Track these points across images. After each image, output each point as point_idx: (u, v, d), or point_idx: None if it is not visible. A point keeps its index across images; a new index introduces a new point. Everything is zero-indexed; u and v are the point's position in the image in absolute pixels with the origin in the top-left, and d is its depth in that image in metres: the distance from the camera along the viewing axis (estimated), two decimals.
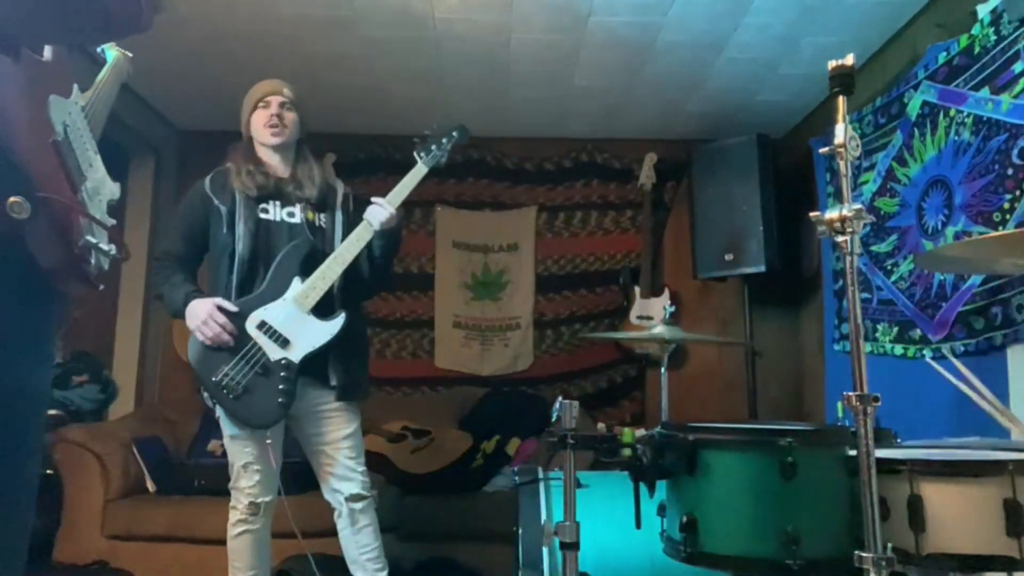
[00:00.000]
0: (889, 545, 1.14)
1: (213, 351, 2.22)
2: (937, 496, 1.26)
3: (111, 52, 1.58)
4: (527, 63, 3.56)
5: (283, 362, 2.23)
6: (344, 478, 2.37)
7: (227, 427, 2.30)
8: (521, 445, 3.60)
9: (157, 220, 4.32)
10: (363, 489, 2.38)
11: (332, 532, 2.46)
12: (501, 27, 3.22)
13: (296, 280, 2.29)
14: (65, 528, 3.23)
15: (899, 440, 1.65)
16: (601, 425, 1.57)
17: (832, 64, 1.27)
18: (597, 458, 1.52)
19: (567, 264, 4.51)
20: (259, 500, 2.29)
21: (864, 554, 1.14)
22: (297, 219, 2.38)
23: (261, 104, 2.42)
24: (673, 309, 2.42)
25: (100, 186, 1.31)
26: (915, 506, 1.26)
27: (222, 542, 3.14)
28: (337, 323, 2.29)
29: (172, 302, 2.28)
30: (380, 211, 2.37)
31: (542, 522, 1.86)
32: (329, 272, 2.30)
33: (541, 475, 2.04)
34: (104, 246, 1.22)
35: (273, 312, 2.25)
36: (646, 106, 4.07)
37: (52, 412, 3.66)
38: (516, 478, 2.15)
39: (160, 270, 2.35)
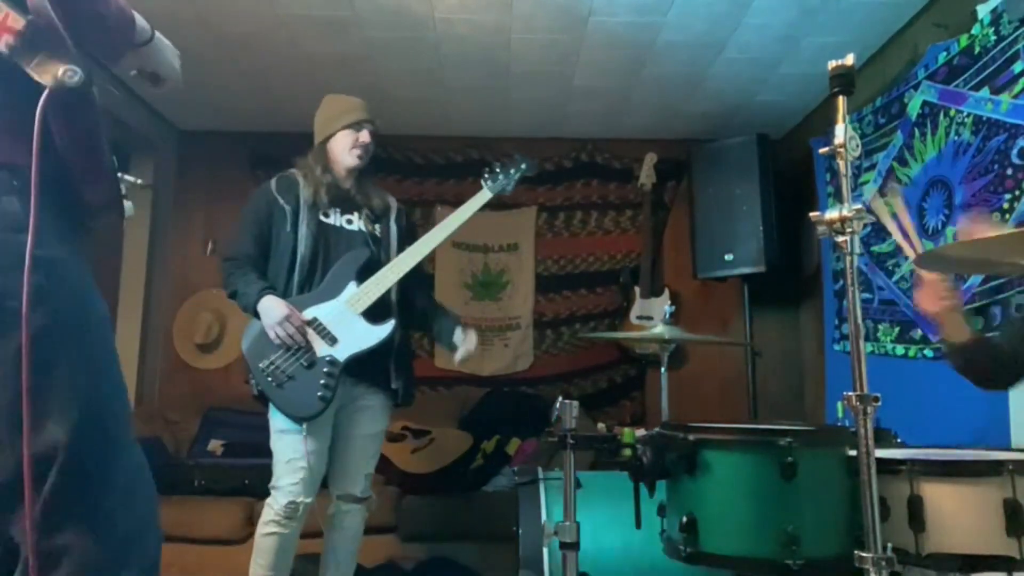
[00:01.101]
0: (889, 545, 1.14)
1: (265, 340, 2.27)
2: (937, 496, 1.26)
3: None
4: (527, 63, 3.56)
5: (328, 359, 2.28)
6: (352, 475, 2.43)
7: (278, 422, 2.31)
8: (521, 445, 3.60)
9: (157, 220, 4.33)
10: (360, 492, 2.44)
11: None
12: (501, 27, 3.22)
13: (352, 284, 2.36)
14: None
15: (899, 440, 1.65)
16: (601, 425, 1.57)
17: (832, 64, 1.26)
18: (597, 458, 1.52)
19: (567, 264, 4.51)
20: (299, 500, 2.28)
21: (864, 554, 1.13)
22: (355, 227, 2.47)
23: (353, 127, 2.47)
24: (673, 309, 2.42)
25: None
26: (915, 506, 1.26)
27: (222, 542, 3.17)
28: (386, 328, 2.35)
29: (246, 296, 2.32)
30: (469, 344, 2.49)
31: (542, 522, 1.86)
32: (384, 279, 2.38)
33: (541, 475, 2.04)
34: (128, 176, 1.26)
35: (325, 310, 2.32)
36: (646, 106, 4.07)
37: None
38: (516, 478, 2.15)
39: (233, 269, 2.39)
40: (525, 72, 3.65)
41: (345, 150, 2.47)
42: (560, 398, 1.59)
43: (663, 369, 2.37)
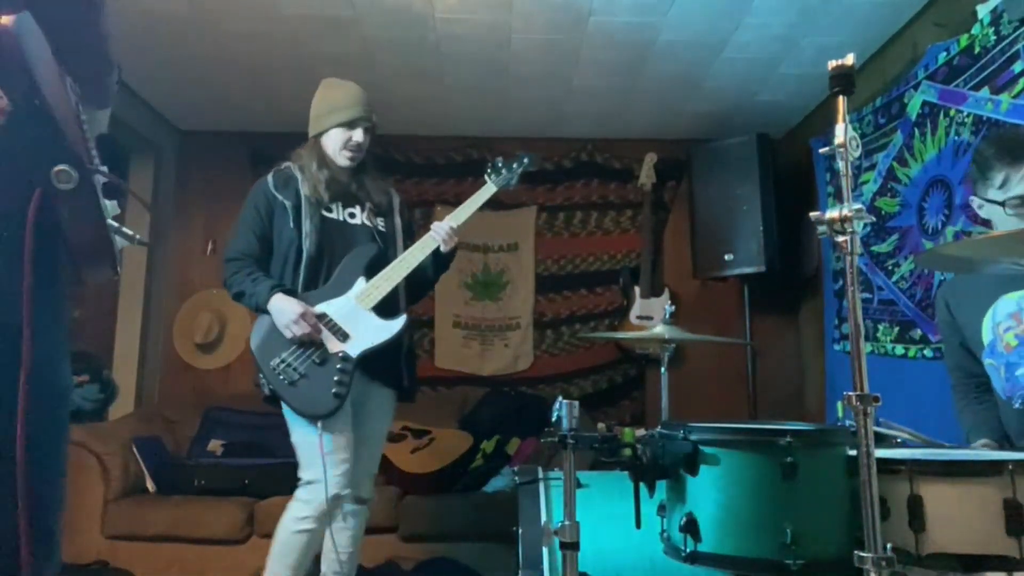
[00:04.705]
0: (889, 545, 1.14)
1: (275, 338, 2.25)
2: (937, 496, 1.26)
3: None
4: (527, 63, 3.55)
5: (341, 355, 2.27)
6: (360, 476, 2.39)
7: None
8: (521, 445, 3.60)
9: (157, 220, 4.33)
10: (366, 494, 2.44)
11: None
12: (501, 27, 3.22)
13: (361, 279, 2.35)
14: (65, 528, 3.22)
15: (899, 440, 1.65)
16: (601, 425, 1.57)
17: (832, 64, 1.26)
18: (597, 458, 1.52)
19: (567, 264, 4.51)
20: (343, 492, 2.24)
21: (864, 554, 1.13)
22: (357, 220, 2.45)
23: (346, 126, 2.41)
24: (673, 309, 2.42)
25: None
26: (915, 506, 1.26)
27: (222, 542, 3.17)
28: (397, 323, 2.35)
29: (255, 296, 2.28)
30: (446, 233, 2.42)
31: (542, 522, 1.86)
32: (393, 274, 2.37)
33: (541, 475, 2.04)
34: (126, 229, 1.13)
35: (335, 307, 2.31)
36: (646, 106, 4.07)
37: None
38: (516, 478, 2.15)
39: (237, 269, 2.34)
40: (525, 72, 3.65)
41: (337, 149, 2.42)
42: (560, 398, 1.59)
43: (663, 369, 2.36)
